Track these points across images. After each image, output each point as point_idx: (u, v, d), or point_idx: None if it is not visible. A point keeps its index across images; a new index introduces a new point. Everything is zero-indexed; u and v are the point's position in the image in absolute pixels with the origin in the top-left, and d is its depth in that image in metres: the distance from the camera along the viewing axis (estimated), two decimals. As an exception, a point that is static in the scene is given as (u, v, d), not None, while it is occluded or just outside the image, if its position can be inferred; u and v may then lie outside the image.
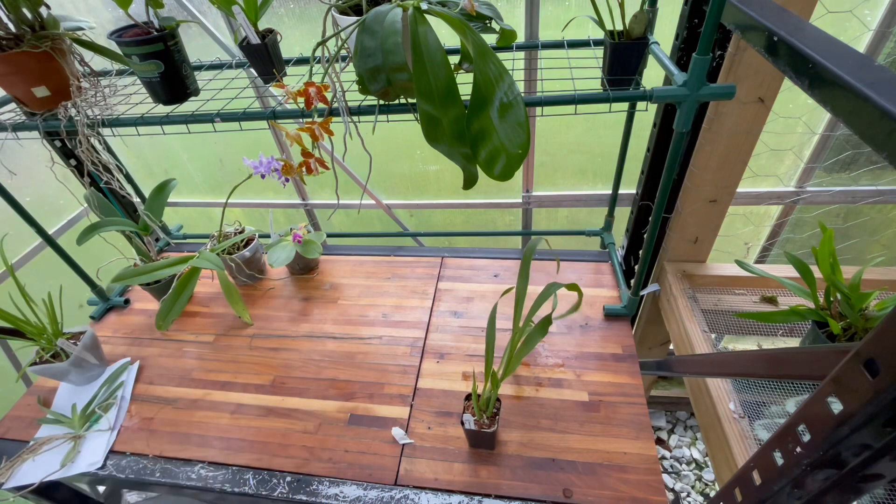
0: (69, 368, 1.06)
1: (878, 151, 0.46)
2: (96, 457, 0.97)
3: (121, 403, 1.07)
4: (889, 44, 1.10)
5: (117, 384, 1.11)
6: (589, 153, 1.42)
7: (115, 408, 1.06)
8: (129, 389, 1.10)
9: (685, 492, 1.86)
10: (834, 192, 1.34)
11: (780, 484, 0.47)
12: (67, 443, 0.99)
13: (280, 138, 1.50)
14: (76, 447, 0.99)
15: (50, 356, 1.07)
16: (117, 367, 1.15)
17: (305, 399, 1.05)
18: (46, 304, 1.07)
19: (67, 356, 1.07)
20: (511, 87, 0.64)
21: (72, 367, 1.06)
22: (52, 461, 0.96)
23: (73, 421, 1.03)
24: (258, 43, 0.83)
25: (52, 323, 1.08)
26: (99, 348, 1.15)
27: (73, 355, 1.06)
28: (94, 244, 1.17)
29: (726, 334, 1.26)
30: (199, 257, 1.13)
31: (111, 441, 1.00)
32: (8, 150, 1.36)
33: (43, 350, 1.07)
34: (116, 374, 1.13)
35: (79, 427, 1.02)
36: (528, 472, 0.89)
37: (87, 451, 0.98)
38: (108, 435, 1.00)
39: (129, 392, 1.10)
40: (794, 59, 0.59)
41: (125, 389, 1.10)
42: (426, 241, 1.68)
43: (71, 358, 1.06)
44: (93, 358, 1.12)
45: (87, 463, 0.96)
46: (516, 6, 1.16)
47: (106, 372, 1.15)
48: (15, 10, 0.78)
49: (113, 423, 1.03)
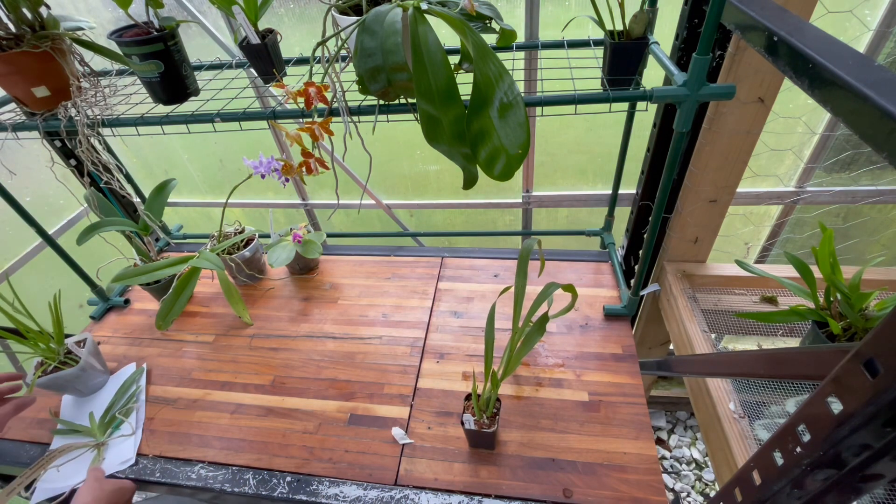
0: (78, 374, 1.04)
1: (878, 151, 0.46)
2: (127, 455, 0.97)
3: (140, 407, 1.06)
4: (889, 44, 1.10)
5: (134, 389, 1.09)
6: (589, 153, 1.42)
7: (136, 412, 1.05)
8: (144, 393, 1.09)
9: (685, 492, 1.86)
10: (834, 192, 1.34)
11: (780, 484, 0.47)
12: (90, 451, 0.98)
13: (280, 138, 1.50)
14: (100, 454, 0.97)
15: (57, 364, 1.04)
16: (132, 373, 1.13)
17: (305, 399, 1.05)
18: (51, 308, 1.04)
19: (75, 362, 1.04)
20: (511, 87, 0.64)
21: (81, 372, 1.04)
22: (78, 469, 0.95)
23: (92, 430, 1.01)
24: (258, 43, 0.83)
25: (57, 328, 1.04)
26: (100, 354, 1.13)
27: (83, 360, 1.04)
28: (94, 244, 1.17)
29: (726, 334, 1.26)
30: (199, 257, 1.13)
31: (138, 441, 0.99)
32: (8, 149, 1.36)
33: (47, 360, 1.04)
34: (132, 380, 1.11)
35: (100, 435, 1.00)
36: (528, 472, 0.89)
37: (113, 454, 0.97)
38: (132, 438, 1.00)
39: (145, 395, 1.09)
40: (794, 59, 0.59)
41: (142, 394, 1.09)
42: (426, 241, 1.68)
43: (80, 363, 1.04)
44: (98, 364, 1.10)
45: (118, 462, 0.96)
46: (516, 6, 1.16)
47: (114, 379, 1.13)
48: (15, 10, 0.78)
49: (135, 426, 1.02)
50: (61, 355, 1.05)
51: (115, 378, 1.13)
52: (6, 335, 0.98)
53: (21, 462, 1.00)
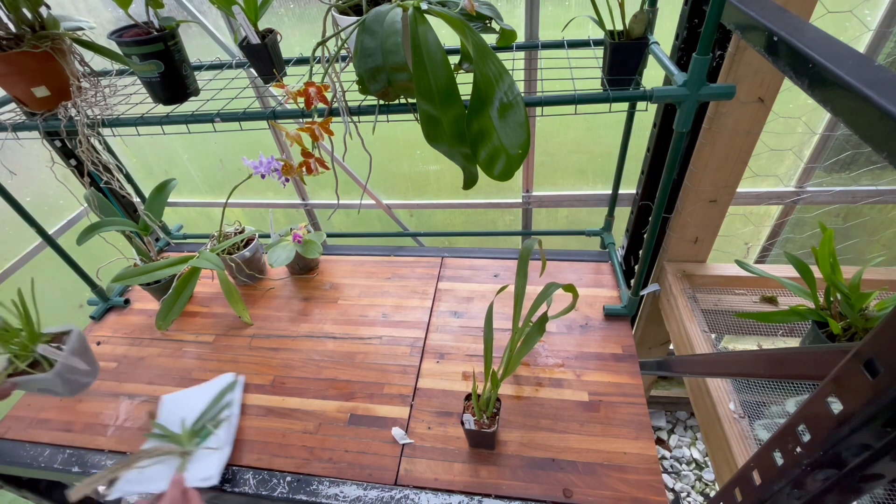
0: (54, 380, 0.90)
1: (878, 151, 0.46)
2: (210, 472, 0.90)
3: (232, 421, 1.00)
4: (889, 44, 1.10)
5: (228, 400, 1.03)
6: (589, 153, 1.42)
7: (226, 425, 0.98)
8: (238, 406, 1.04)
9: (685, 492, 1.86)
10: (834, 192, 1.34)
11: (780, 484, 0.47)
12: (174, 458, 0.92)
13: (280, 138, 1.50)
14: (184, 463, 0.92)
15: (27, 365, 0.90)
16: (227, 384, 1.07)
17: (305, 399, 1.05)
18: (16, 304, 0.89)
19: (51, 364, 0.91)
20: (511, 87, 0.64)
21: (57, 377, 0.90)
22: (161, 473, 0.90)
23: (181, 437, 0.95)
24: (258, 43, 0.83)
25: (26, 324, 0.91)
26: (89, 351, 1.00)
27: (59, 363, 0.90)
28: (94, 244, 1.17)
29: (726, 334, 1.26)
30: (199, 257, 1.13)
31: (224, 459, 0.93)
32: (8, 149, 1.36)
33: (16, 357, 0.90)
34: (226, 391, 1.05)
35: (187, 443, 0.95)
36: (528, 472, 0.89)
37: (196, 468, 0.92)
38: (218, 453, 0.94)
39: (239, 409, 1.03)
40: (794, 59, 0.59)
41: (236, 406, 1.03)
42: (426, 241, 1.68)
43: (56, 367, 0.90)
44: (83, 363, 0.96)
45: (199, 478, 0.90)
46: (516, 6, 1.16)
47: (210, 385, 1.08)
48: (15, 10, 0.78)
49: (223, 440, 0.96)
50: (34, 354, 0.91)
51: (212, 385, 1.08)
52: None
53: (21, 462, 1.00)
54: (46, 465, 0.99)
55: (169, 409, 1.04)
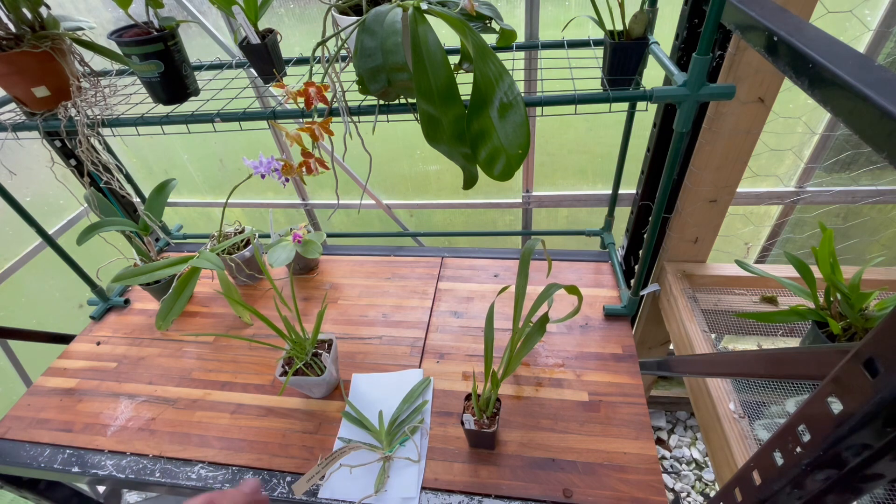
0: (321, 383, 0.98)
1: (878, 151, 0.46)
2: (410, 491, 0.87)
3: (425, 430, 0.95)
4: (889, 44, 1.10)
5: (420, 403, 0.99)
6: (589, 153, 1.42)
7: (420, 434, 0.95)
8: (429, 413, 0.98)
9: (685, 492, 1.86)
10: (834, 192, 1.34)
11: (780, 484, 0.47)
12: (377, 463, 0.90)
13: (280, 138, 1.50)
14: (385, 471, 0.89)
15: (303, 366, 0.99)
16: (419, 381, 1.03)
17: (305, 399, 1.05)
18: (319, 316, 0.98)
19: (321, 369, 0.98)
20: (511, 87, 0.64)
21: (324, 381, 0.98)
22: (367, 482, 0.88)
23: (379, 433, 0.93)
24: (258, 43, 0.83)
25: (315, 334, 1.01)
26: (337, 360, 1.05)
27: (327, 371, 0.98)
28: (94, 244, 1.17)
29: (726, 334, 1.26)
30: (199, 257, 1.13)
31: (422, 472, 0.89)
32: (8, 149, 1.36)
33: (297, 359, 0.99)
34: (418, 390, 1.01)
35: (387, 446, 0.92)
36: (528, 472, 0.89)
37: (397, 482, 0.88)
38: (416, 467, 0.90)
39: (430, 416, 0.98)
40: (794, 59, 0.59)
41: (427, 413, 0.98)
42: (426, 241, 1.68)
43: (325, 374, 0.97)
44: (335, 370, 1.03)
45: (400, 497, 0.86)
46: (516, 6, 1.16)
47: (398, 378, 1.05)
48: (15, 10, 0.78)
49: (420, 451, 0.92)
50: (308, 356, 1.00)
51: (400, 377, 1.05)
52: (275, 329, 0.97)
53: (21, 462, 1.00)
54: (46, 466, 0.99)
55: (359, 388, 1.04)
